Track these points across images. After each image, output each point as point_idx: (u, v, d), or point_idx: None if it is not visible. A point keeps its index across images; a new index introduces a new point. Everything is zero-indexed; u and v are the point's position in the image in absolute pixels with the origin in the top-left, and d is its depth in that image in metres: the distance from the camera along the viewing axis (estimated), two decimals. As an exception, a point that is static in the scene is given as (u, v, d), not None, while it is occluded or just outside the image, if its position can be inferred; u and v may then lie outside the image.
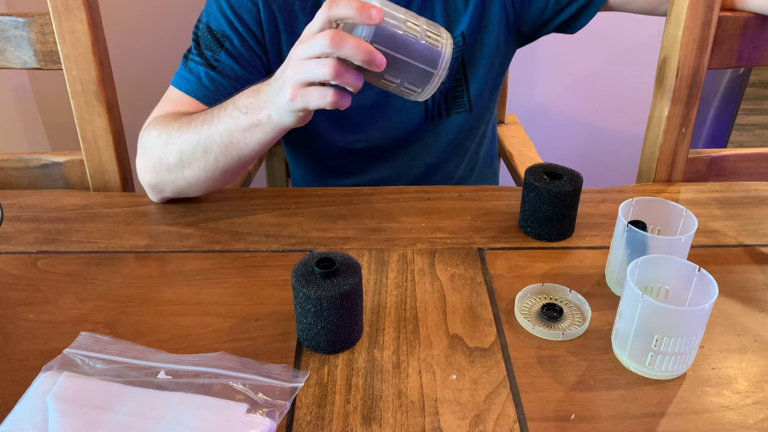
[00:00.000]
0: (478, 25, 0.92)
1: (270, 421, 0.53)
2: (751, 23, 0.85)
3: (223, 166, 0.77)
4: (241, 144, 0.74)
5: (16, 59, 0.88)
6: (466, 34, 0.91)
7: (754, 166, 0.97)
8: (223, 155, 0.76)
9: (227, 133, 0.74)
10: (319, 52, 0.62)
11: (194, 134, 0.76)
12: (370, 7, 0.60)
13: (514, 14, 0.94)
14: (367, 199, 0.87)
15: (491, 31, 0.93)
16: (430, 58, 0.64)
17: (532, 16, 0.94)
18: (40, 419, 0.52)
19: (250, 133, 0.72)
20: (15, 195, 0.88)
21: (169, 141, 0.78)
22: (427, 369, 0.61)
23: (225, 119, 0.73)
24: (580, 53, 1.71)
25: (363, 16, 0.60)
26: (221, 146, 0.75)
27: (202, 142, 0.75)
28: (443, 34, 0.65)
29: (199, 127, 0.76)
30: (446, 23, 0.91)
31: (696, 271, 0.61)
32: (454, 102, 0.95)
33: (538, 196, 0.76)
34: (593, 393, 0.59)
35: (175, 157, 0.78)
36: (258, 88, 0.72)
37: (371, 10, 0.60)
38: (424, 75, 0.64)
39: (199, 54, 0.85)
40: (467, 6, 0.91)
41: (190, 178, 0.80)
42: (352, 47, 0.60)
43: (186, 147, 0.77)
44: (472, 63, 0.94)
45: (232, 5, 0.86)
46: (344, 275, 0.61)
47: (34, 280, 0.72)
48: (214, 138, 0.75)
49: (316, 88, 0.64)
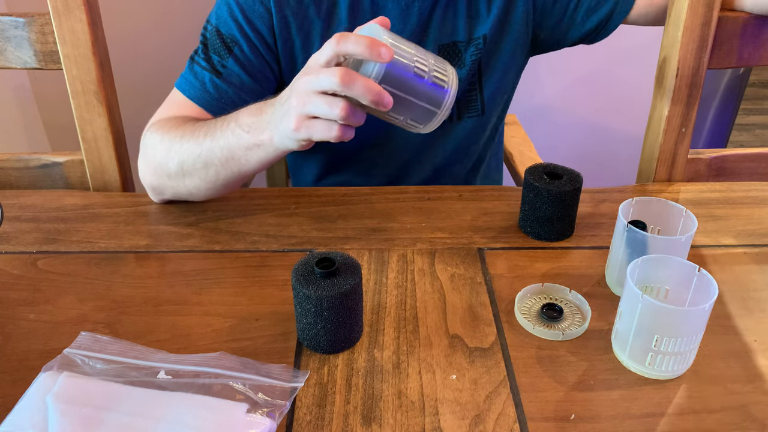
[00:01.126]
0: (500, 29, 0.92)
1: (270, 421, 0.53)
2: (751, 23, 0.86)
3: (224, 179, 0.77)
4: (242, 161, 0.74)
5: (16, 59, 0.88)
6: (487, 37, 0.91)
7: (754, 166, 0.97)
8: (224, 169, 0.76)
9: (228, 148, 0.73)
10: (327, 88, 0.61)
11: (196, 146, 0.76)
12: (380, 45, 0.59)
13: (534, 21, 0.94)
14: (367, 199, 0.87)
15: (511, 37, 0.93)
16: (435, 97, 0.63)
17: (551, 25, 0.95)
18: (40, 419, 0.52)
19: (252, 152, 0.72)
20: (15, 195, 0.88)
21: (171, 149, 0.78)
22: (427, 369, 0.61)
23: (227, 135, 0.73)
24: (580, 53, 1.71)
25: (373, 53, 0.59)
26: (222, 161, 0.75)
27: (203, 155, 0.75)
28: (449, 71, 0.64)
29: (201, 139, 0.75)
30: (468, 26, 0.91)
31: (696, 271, 0.61)
32: (467, 106, 0.95)
33: (538, 196, 0.76)
34: (593, 393, 0.59)
35: (176, 166, 0.78)
36: (261, 108, 0.71)
37: (381, 48, 0.59)
38: (428, 113, 0.64)
39: (205, 58, 0.84)
40: (490, 10, 0.90)
41: (191, 187, 0.80)
42: (361, 88, 0.60)
43: (187, 157, 0.76)
44: (488, 67, 0.94)
45: (243, 10, 0.84)
46: (344, 275, 0.61)
47: (34, 280, 0.72)
48: (215, 152, 0.74)
49: (322, 122, 0.64)
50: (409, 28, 0.89)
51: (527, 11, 0.92)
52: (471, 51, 0.91)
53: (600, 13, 0.93)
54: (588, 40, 0.97)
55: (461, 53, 0.91)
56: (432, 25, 0.90)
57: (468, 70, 0.92)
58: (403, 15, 0.88)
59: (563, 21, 0.94)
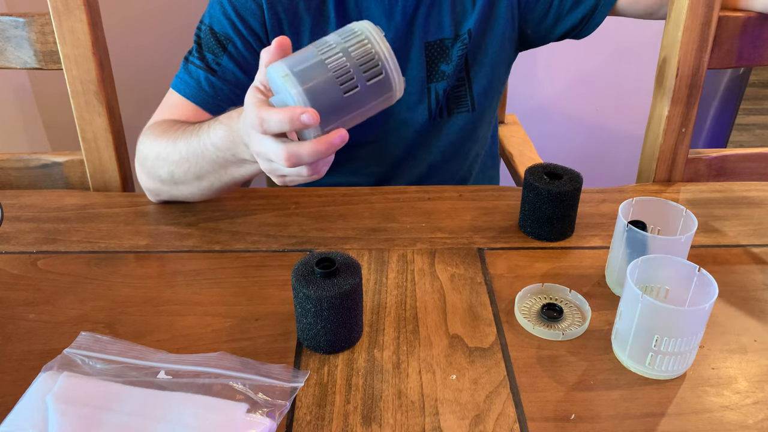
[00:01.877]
0: (485, 23, 0.92)
1: (270, 421, 0.53)
2: (751, 23, 0.85)
3: (218, 187, 0.78)
4: (236, 175, 0.74)
5: (16, 59, 0.87)
6: (473, 32, 0.91)
7: (754, 166, 0.97)
8: (218, 180, 0.76)
9: (220, 163, 0.73)
10: (285, 173, 0.60)
11: (184, 161, 0.75)
12: (300, 112, 0.54)
13: (519, 15, 0.94)
14: (367, 199, 0.87)
15: (497, 31, 0.93)
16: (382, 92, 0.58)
17: (535, 19, 0.94)
18: (40, 419, 0.52)
19: (243, 168, 0.72)
20: (15, 195, 0.88)
21: (159, 157, 0.78)
22: (427, 369, 0.61)
23: (215, 156, 0.72)
24: (580, 53, 1.71)
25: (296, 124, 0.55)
26: (215, 174, 0.75)
27: (192, 170, 0.75)
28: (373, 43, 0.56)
29: (190, 155, 0.74)
30: (454, 22, 0.91)
31: (696, 271, 0.61)
32: (456, 102, 0.95)
33: (538, 196, 0.76)
34: (593, 393, 0.59)
35: (166, 174, 0.78)
36: (230, 128, 0.68)
37: (302, 116, 0.55)
38: (387, 100, 0.59)
39: (200, 57, 0.85)
40: (474, 4, 0.91)
41: (186, 193, 0.81)
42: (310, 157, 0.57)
43: (176, 169, 0.76)
44: (476, 62, 0.94)
45: (235, 7, 0.85)
46: (344, 275, 0.61)
47: (34, 280, 0.72)
48: (205, 168, 0.74)
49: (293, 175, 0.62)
50: (393, 27, 0.89)
51: (511, 5, 0.92)
52: (457, 47, 0.91)
53: (586, 5, 0.92)
54: (575, 33, 0.96)
55: (448, 50, 0.91)
56: (417, 23, 0.90)
57: (455, 66, 0.92)
58: (387, 14, 0.88)
59: (549, 14, 0.94)
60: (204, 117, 0.84)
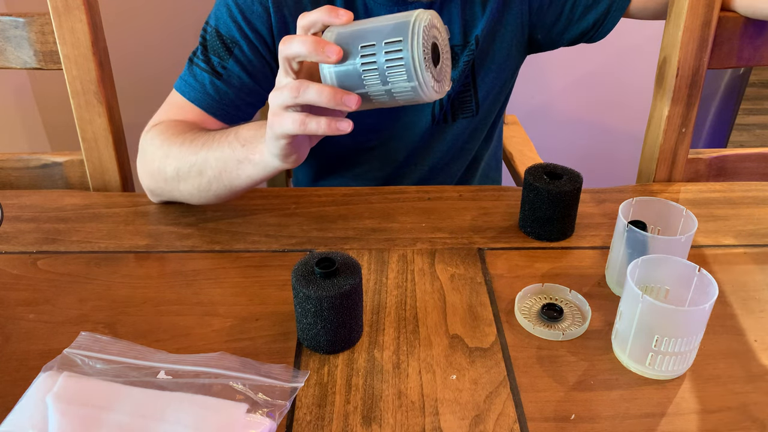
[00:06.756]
0: (493, 30, 0.91)
1: (270, 421, 0.53)
2: (751, 23, 0.86)
3: (215, 190, 0.77)
4: (233, 175, 0.74)
5: (16, 59, 0.88)
6: (480, 38, 0.91)
7: (754, 166, 0.97)
8: (216, 181, 0.76)
9: (222, 160, 0.74)
10: (286, 102, 0.61)
11: (192, 155, 0.76)
12: (326, 44, 0.55)
13: (529, 22, 0.93)
14: (367, 199, 0.87)
15: (505, 37, 0.93)
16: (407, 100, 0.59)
17: (547, 24, 0.94)
18: (40, 419, 0.52)
19: (243, 166, 0.72)
20: (15, 195, 0.88)
21: (169, 154, 0.78)
22: (427, 369, 0.61)
23: (224, 146, 0.73)
24: (580, 53, 1.71)
25: (319, 54, 0.56)
26: (215, 171, 0.75)
27: (198, 163, 0.76)
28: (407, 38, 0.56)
29: (198, 148, 0.76)
30: (463, 27, 0.90)
31: (696, 271, 0.61)
32: (461, 106, 0.95)
33: (538, 196, 0.76)
34: (593, 393, 0.59)
35: (172, 171, 0.78)
36: (262, 123, 0.71)
37: (326, 48, 0.55)
38: (413, 102, 0.60)
39: (205, 59, 0.84)
40: (485, 10, 0.90)
41: (185, 193, 0.80)
42: (314, 95, 0.58)
43: (183, 164, 0.77)
44: (482, 67, 0.93)
45: (242, 10, 0.84)
46: (344, 275, 0.61)
47: (34, 280, 0.72)
48: (210, 162, 0.75)
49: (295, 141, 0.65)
50: None
51: (522, 12, 0.92)
52: (465, 53, 0.91)
53: (598, 10, 0.92)
54: (587, 38, 0.96)
55: (456, 56, 0.91)
56: None
57: (461, 72, 0.92)
58: None
59: (561, 19, 0.93)
60: (209, 120, 0.85)
